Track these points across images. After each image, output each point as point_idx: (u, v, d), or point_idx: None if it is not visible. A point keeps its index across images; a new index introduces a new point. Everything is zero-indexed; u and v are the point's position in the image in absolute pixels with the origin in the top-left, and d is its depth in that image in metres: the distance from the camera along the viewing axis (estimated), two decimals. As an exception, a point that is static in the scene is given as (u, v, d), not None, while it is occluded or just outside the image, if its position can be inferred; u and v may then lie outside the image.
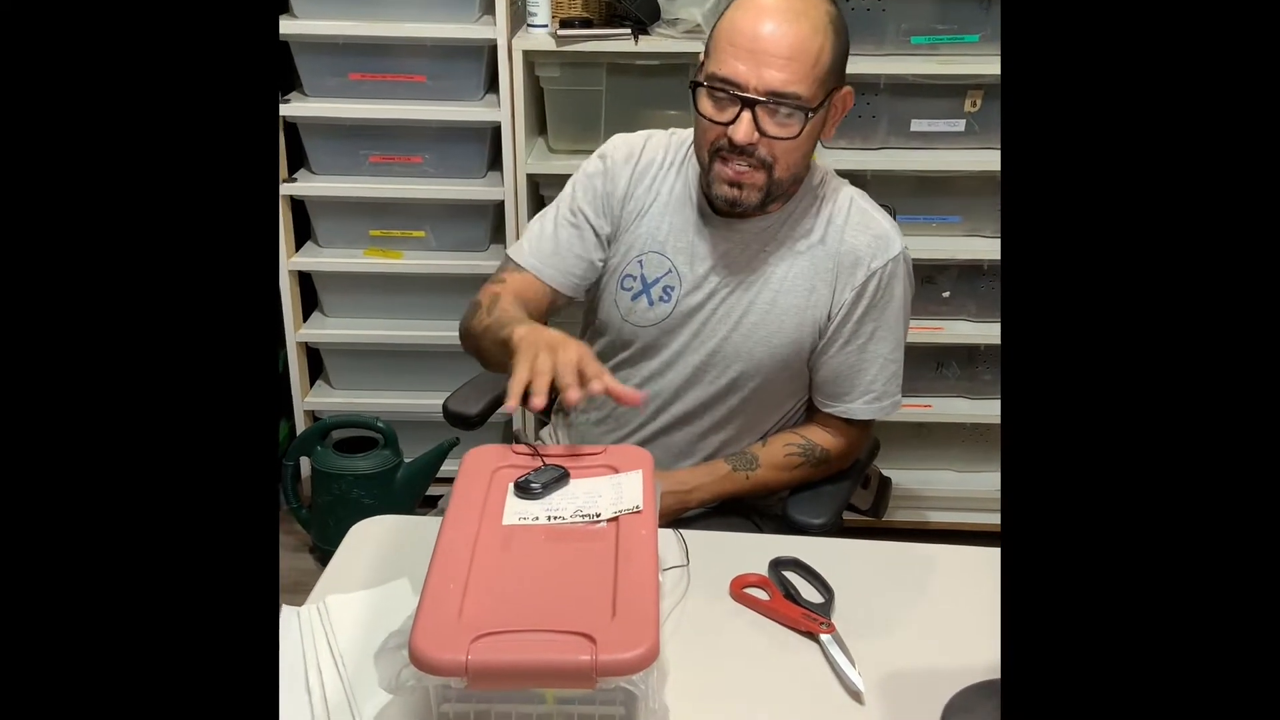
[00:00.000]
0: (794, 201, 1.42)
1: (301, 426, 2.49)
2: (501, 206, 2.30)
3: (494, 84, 2.24)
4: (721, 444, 1.51)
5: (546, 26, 2.18)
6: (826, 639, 1.09)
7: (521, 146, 2.22)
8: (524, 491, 1.10)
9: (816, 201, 1.43)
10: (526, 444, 1.18)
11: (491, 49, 2.19)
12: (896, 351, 1.47)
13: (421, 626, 0.91)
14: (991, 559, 1.22)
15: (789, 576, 1.19)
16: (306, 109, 2.27)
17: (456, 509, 1.08)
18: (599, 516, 1.07)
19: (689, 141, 1.44)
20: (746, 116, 1.28)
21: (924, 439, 2.47)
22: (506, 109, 2.20)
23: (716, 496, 1.48)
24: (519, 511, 1.08)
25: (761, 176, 1.33)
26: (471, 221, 2.37)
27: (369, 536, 1.27)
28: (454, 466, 1.57)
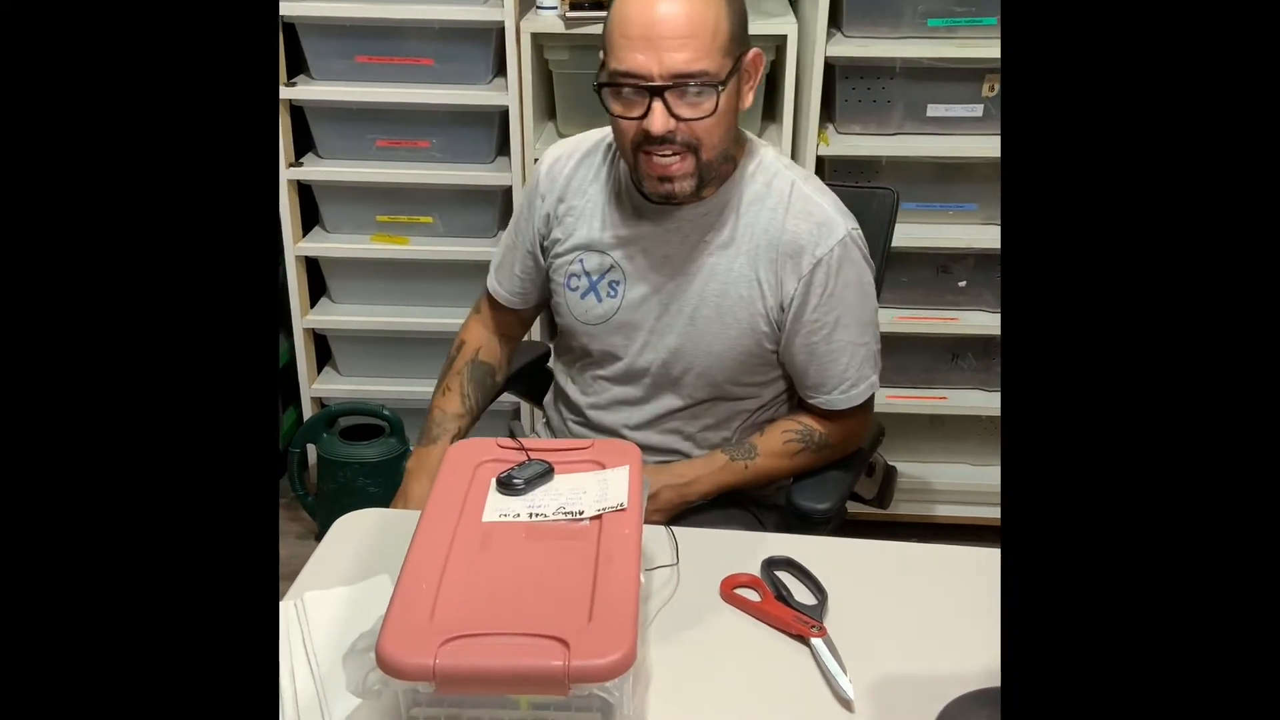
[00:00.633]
0: (731, 186, 1.38)
1: (308, 413, 2.47)
2: (509, 192, 2.27)
3: (502, 67, 2.20)
4: (708, 442, 1.48)
5: (555, 9, 2.14)
6: (817, 643, 1.05)
7: (530, 131, 2.19)
8: (506, 487, 1.08)
9: (754, 187, 1.39)
10: (512, 438, 1.15)
11: (499, 31, 2.16)
12: (864, 334, 1.42)
13: (390, 628, 0.88)
14: (993, 560, 1.17)
15: (781, 577, 1.15)
16: (313, 92, 2.24)
17: (435, 505, 1.05)
18: (582, 514, 1.04)
19: None
20: (658, 106, 1.25)
21: (938, 431, 2.42)
22: (515, 93, 2.17)
23: (716, 488, 1.45)
24: (500, 508, 1.05)
25: (690, 161, 1.30)
26: (479, 207, 2.34)
27: (354, 529, 1.25)
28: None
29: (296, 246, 2.34)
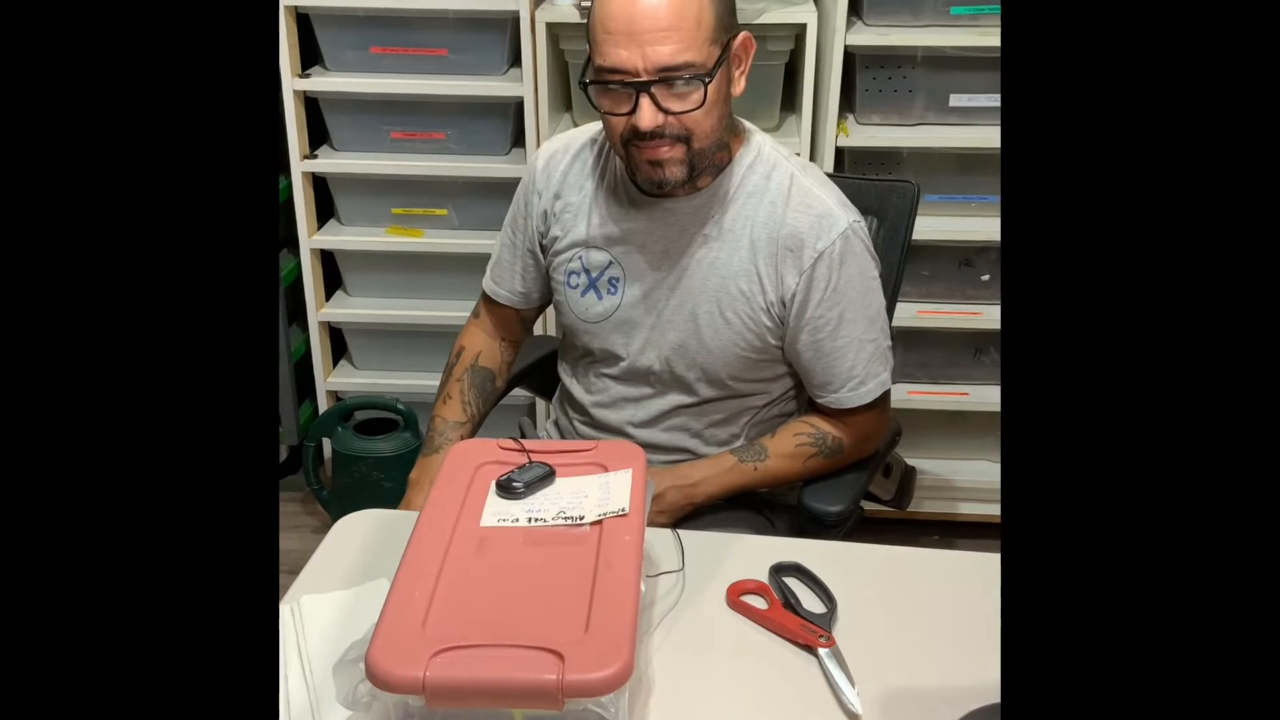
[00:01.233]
0: (726, 177, 1.35)
1: (324, 407, 2.46)
2: (525, 184, 2.24)
3: (517, 58, 2.18)
4: (716, 439, 1.45)
5: (571, -2, 2.11)
6: (825, 653, 1.02)
7: (545, 123, 2.16)
8: (506, 490, 1.05)
9: (752, 179, 1.35)
10: (515, 440, 1.13)
11: (515, 21, 2.13)
12: (871, 329, 1.38)
13: (380, 638, 0.86)
14: (1010, 567, 1.14)
15: (790, 583, 1.12)
16: (327, 83, 2.22)
17: (433, 508, 1.02)
18: (582, 519, 1.01)
19: None
20: (645, 102, 1.21)
21: (959, 427, 2.38)
22: (530, 84, 2.14)
23: (724, 490, 1.41)
24: (499, 512, 1.03)
25: (681, 149, 1.26)
26: (495, 199, 2.31)
27: (354, 530, 1.22)
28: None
29: (311, 239, 2.32)
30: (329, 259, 2.42)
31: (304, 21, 2.19)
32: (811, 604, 1.09)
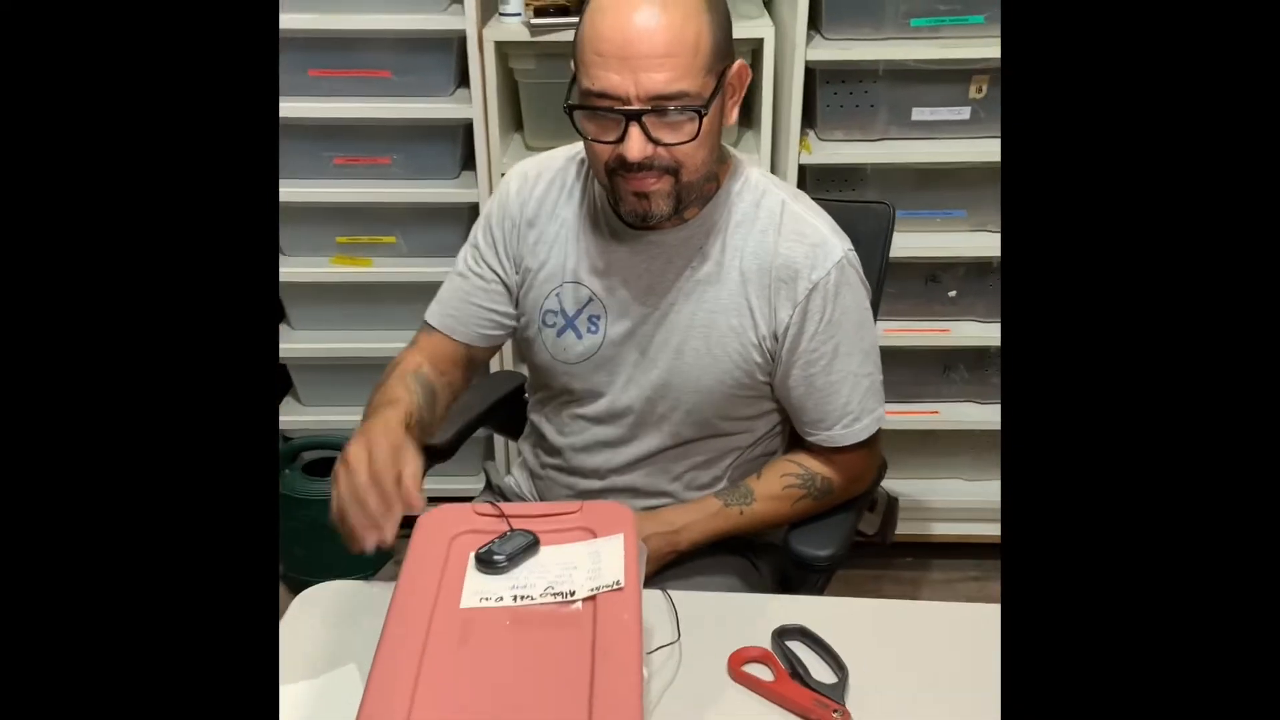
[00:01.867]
0: (716, 207, 1.27)
1: (270, 446, 2.35)
2: (476, 209, 2.15)
3: (465, 78, 2.09)
4: (698, 483, 1.37)
5: (520, 15, 2.03)
6: (839, 728, 0.95)
7: (496, 144, 2.08)
8: (486, 565, 0.96)
9: (740, 207, 1.28)
10: (491, 503, 1.04)
11: (461, 40, 2.04)
12: (866, 364, 1.32)
13: (360, 750, 0.77)
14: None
15: (794, 649, 1.04)
16: (264, 109, 2.12)
17: (406, 589, 0.93)
18: (573, 595, 0.92)
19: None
20: (635, 131, 1.13)
21: (930, 447, 2.33)
22: (479, 104, 2.06)
23: (709, 536, 1.34)
24: (480, 590, 0.94)
25: (668, 182, 1.18)
26: (445, 225, 2.23)
27: (315, 606, 1.13)
28: (435, 484, 1.40)
29: (251, 272, 2.21)
30: (271, 292, 2.31)
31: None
32: (820, 672, 1.02)
